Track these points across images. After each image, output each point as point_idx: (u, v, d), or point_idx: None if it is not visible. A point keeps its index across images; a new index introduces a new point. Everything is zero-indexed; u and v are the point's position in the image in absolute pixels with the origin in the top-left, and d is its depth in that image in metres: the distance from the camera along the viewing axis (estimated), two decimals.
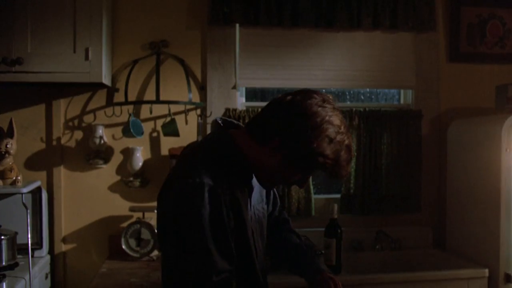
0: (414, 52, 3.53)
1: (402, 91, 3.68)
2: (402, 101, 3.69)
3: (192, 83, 3.28)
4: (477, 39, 3.61)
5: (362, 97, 3.69)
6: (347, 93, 3.67)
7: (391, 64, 3.51)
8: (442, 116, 3.56)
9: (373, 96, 3.71)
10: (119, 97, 3.22)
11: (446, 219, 3.47)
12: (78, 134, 3.22)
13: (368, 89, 3.67)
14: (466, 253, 3.20)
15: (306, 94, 1.57)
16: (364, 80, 3.50)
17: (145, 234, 3.04)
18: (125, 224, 3.17)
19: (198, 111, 3.29)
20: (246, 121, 3.22)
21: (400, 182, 3.47)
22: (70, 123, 3.22)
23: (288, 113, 1.54)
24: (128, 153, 3.23)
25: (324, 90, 3.53)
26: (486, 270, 2.95)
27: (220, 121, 1.71)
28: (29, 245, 2.72)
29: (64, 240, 3.22)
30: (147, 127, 3.25)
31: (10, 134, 2.79)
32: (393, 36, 3.49)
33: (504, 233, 2.90)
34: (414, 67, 3.53)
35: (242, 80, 3.31)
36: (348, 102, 3.66)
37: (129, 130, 3.06)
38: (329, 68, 3.43)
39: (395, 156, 3.46)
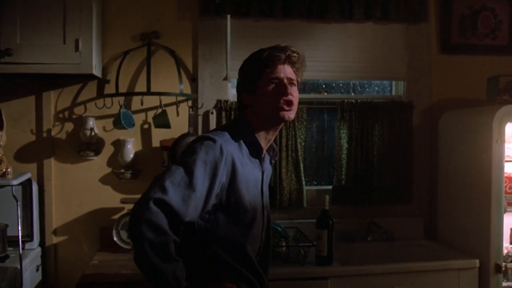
0: (405, 43, 3.52)
1: (393, 82, 3.68)
2: (393, 92, 3.68)
3: (183, 74, 3.26)
4: (468, 31, 3.61)
5: (353, 88, 3.68)
6: (339, 84, 3.65)
7: (383, 55, 3.51)
8: (433, 108, 3.56)
9: (366, 87, 3.70)
10: (110, 88, 3.20)
11: (438, 210, 3.48)
12: (69, 126, 3.21)
13: (359, 81, 3.66)
14: (457, 244, 3.22)
15: None
16: (355, 72, 3.50)
17: None
18: (116, 216, 3.17)
19: (190, 103, 3.28)
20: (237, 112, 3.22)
21: (392, 173, 3.47)
22: (61, 115, 3.20)
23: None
24: (119, 145, 3.22)
25: (315, 81, 3.55)
26: (477, 261, 2.96)
27: None
28: (19, 237, 2.71)
29: (55, 232, 3.21)
30: (138, 118, 3.23)
31: None
32: (385, 27, 3.49)
33: (495, 224, 2.91)
34: (405, 59, 3.53)
35: (234, 72, 3.28)
36: (340, 94, 3.66)
37: (120, 121, 3.05)
38: (321, 59, 3.42)
39: (386, 147, 3.46)
